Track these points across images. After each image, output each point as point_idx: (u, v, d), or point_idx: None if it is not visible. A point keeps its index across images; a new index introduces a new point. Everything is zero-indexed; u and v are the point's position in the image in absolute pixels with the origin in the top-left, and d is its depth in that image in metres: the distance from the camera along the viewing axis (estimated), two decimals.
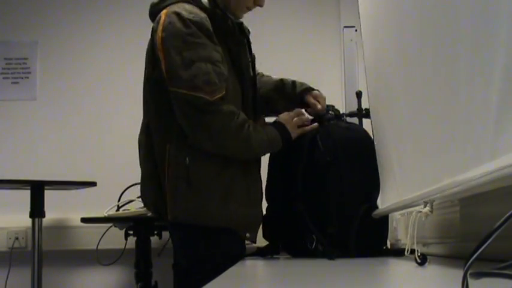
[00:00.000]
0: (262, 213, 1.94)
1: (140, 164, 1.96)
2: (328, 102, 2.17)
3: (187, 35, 1.73)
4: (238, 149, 1.81)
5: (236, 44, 1.89)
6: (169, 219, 1.81)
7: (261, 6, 1.94)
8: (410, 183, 1.38)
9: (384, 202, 1.81)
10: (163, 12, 1.79)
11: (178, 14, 1.75)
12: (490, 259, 0.62)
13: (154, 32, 1.81)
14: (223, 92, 1.74)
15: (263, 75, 2.21)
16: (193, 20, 1.74)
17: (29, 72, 3.51)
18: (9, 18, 3.54)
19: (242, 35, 1.94)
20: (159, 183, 1.84)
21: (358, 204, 1.85)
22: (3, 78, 3.50)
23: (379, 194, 1.87)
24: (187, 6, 1.80)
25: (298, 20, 3.58)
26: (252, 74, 1.98)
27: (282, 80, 2.13)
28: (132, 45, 3.42)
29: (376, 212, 1.83)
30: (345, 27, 2.60)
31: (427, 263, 1.31)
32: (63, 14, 3.56)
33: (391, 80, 1.55)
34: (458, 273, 0.55)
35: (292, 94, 2.08)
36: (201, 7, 1.82)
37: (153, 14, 1.89)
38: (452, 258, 1.61)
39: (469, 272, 0.51)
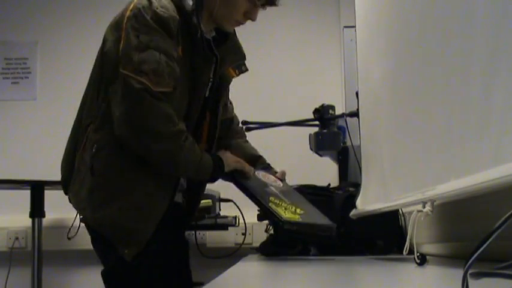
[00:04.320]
0: (152, 233, 1.65)
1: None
2: (328, 102, 2.17)
3: (150, 20, 1.63)
4: (162, 158, 1.62)
5: (201, 57, 1.73)
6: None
7: (252, 20, 1.79)
8: (404, 183, 1.37)
9: (366, 202, 1.79)
10: None
11: (149, 1, 1.65)
12: (490, 259, 0.62)
13: (124, 9, 1.73)
14: (169, 89, 1.60)
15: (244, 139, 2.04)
16: (159, 13, 1.63)
17: (29, 72, 3.51)
18: (9, 18, 3.54)
19: (211, 52, 1.76)
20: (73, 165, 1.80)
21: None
22: (3, 78, 3.51)
23: (360, 193, 1.85)
24: (164, 0, 1.68)
25: (298, 20, 3.58)
26: (206, 95, 1.79)
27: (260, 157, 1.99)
28: None
29: (354, 213, 1.81)
30: (345, 27, 2.60)
31: (426, 263, 1.31)
32: (63, 14, 3.56)
33: (390, 79, 1.55)
34: (458, 273, 0.54)
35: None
36: (180, 6, 1.70)
37: None
38: (452, 258, 1.61)
39: (469, 272, 0.51)
